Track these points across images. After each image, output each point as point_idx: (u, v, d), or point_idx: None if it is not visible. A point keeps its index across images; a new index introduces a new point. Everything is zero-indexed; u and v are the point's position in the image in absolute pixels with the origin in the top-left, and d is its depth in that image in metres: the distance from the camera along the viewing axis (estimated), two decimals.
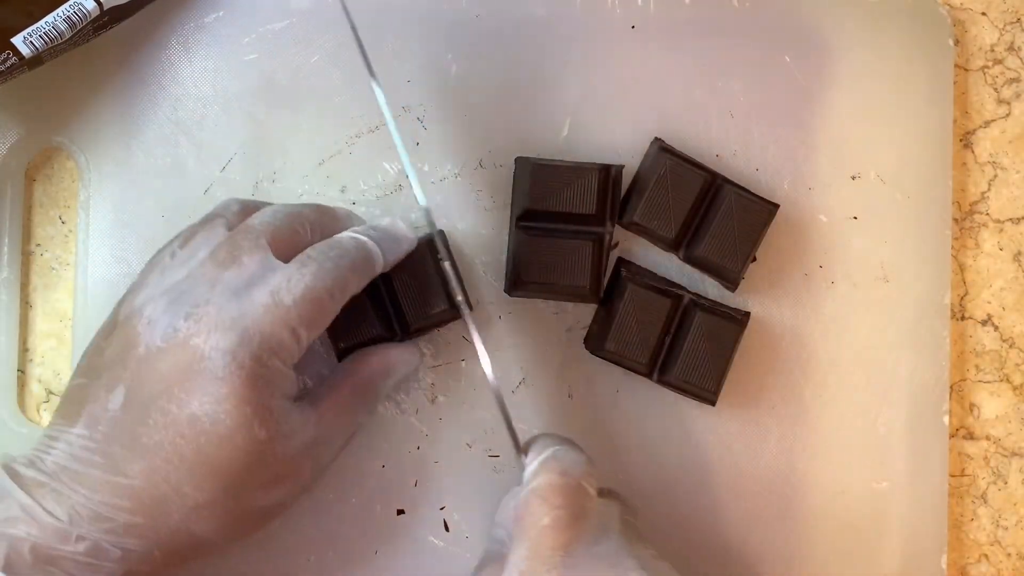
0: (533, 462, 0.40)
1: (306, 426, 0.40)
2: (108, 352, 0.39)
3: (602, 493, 0.41)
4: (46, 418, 0.48)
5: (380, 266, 0.42)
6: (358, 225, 0.44)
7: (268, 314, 0.38)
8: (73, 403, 0.39)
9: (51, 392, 0.48)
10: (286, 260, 0.39)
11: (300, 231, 0.41)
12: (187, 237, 0.41)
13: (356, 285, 0.41)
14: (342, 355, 0.44)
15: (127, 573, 0.38)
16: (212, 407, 0.37)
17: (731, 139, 0.48)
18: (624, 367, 0.46)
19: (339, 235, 0.41)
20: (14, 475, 0.38)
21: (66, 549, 0.36)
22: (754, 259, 0.47)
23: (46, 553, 0.36)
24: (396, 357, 0.44)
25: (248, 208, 0.42)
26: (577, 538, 0.38)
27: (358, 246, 0.41)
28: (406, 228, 0.44)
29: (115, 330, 0.39)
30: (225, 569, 0.46)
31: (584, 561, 0.37)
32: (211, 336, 0.37)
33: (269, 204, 0.43)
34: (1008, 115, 0.51)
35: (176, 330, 0.37)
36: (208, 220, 0.42)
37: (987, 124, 0.51)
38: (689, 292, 0.46)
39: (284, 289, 0.38)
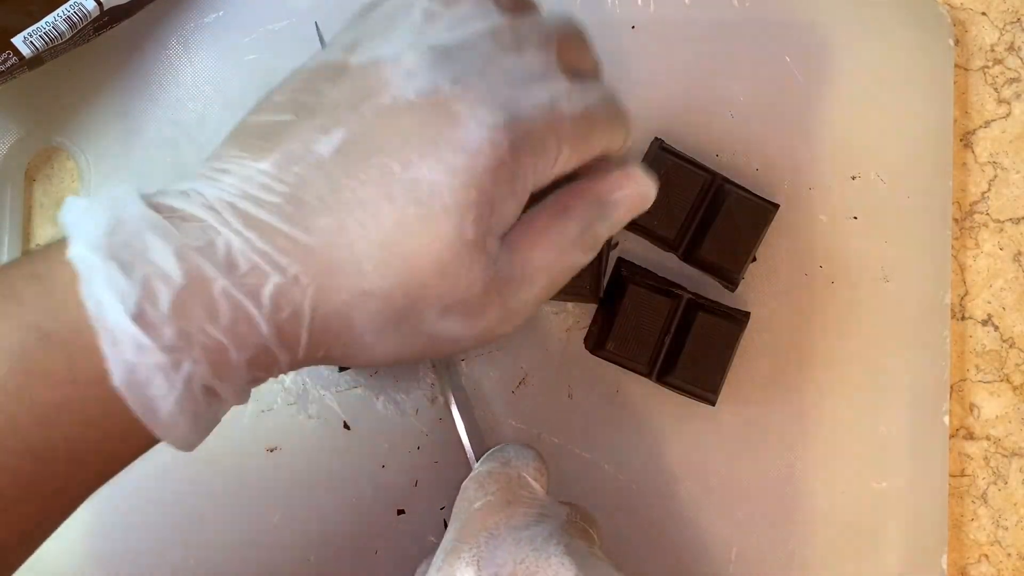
0: (483, 456, 0.40)
1: (500, 256, 0.33)
2: (332, 94, 0.33)
3: (563, 503, 0.41)
4: None
5: (628, 143, 0.37)
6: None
7: (544, 114, 0.33)
8: (263, 136, 0.32)
9: None
10: (565, 73, 0.35)
11: (585, 53, 0.36)
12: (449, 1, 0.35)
13: (608, 142, 0.35)
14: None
15: (269, 359, 0.32)
16: (441, 177, 0.31)
17: (731, 139, 0.48)
18: (624, 367, 0.46)
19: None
20: (162, 209, 0.31)
21: (203, 316, 0.30)
22: (754, 259, 0.47)
23: (184, 316, 0.29)
24: (617, 188, 0.36)
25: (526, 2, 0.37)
26: (505, 522, 0.37)
27: (625, 114, 0.36)
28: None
29: (345, 73, 0.33)
30: (225, 569, 0.46)
31: (507, 542, 0.36)
32: (477, 107, 0.32)
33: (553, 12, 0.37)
34: (1008, 115, 0.51)
35: (438, 89, 0.32)
36: None
37: (987, 124, 0.51)
38: (689, 292, 0.46)
39: (564, 99, 0.33)
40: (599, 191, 0.36)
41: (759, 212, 0.46)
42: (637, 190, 0.37)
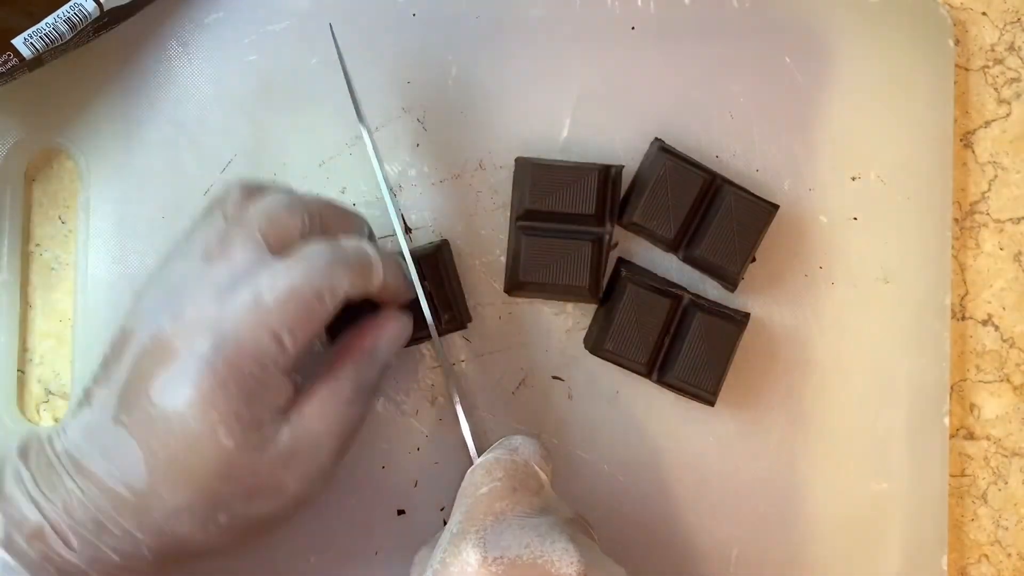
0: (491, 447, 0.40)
1: (279, 437, 0.38)
2: (114, 347, 0.39)
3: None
4: (46, 418, 0.48)
5: (379, 280, 0.40)
6: (369, 235, 0.42)
7: (248, 316, 0.36)
8: (87, 394, 0.38)
9: (51, 392, 0.48)
10: (283, 253, 0.38)
11: (300, 224, 0.39)
12: (191, 229, 0.40)
13: (350, 289, 0.38)
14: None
15: (122, 569, 0.38)
16: (182, 410, 0.36)
17: (731, 139, 0.48)
18: (624, 367, 0.46)
19: (339, 237, 0.40)
20: (36, 449, 0.38)
21: (58, 543, 0.37)
22: (753, 259, 0.47)
23: (41, 542, 0.37)
24: (379, 335, 0.41)
25: (252, 192, 0.40)
26: (512, 508, 0.37)
27: (357, 250, 0.39)
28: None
29: (122, 325, 0.39)
30: (225, 569, 0.46)
31: (513, 527, 0.36)
32: (188, 338, 0.36)
33: (274, 188, 0.40)
34: (1008, 115, 0.51)
35: (161, 328, 0.37)
36: (208, 210, 0.40)
37: (987, 124, 0.51)
38: (689, 292, 0.46)
39: (267, 289, 0.37)
40: (361, 346, 0.40)
41: (759, 213, 0.46)
42: (394, 331, 0.41)
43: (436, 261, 0.44)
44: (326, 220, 0.40)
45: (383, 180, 0.44)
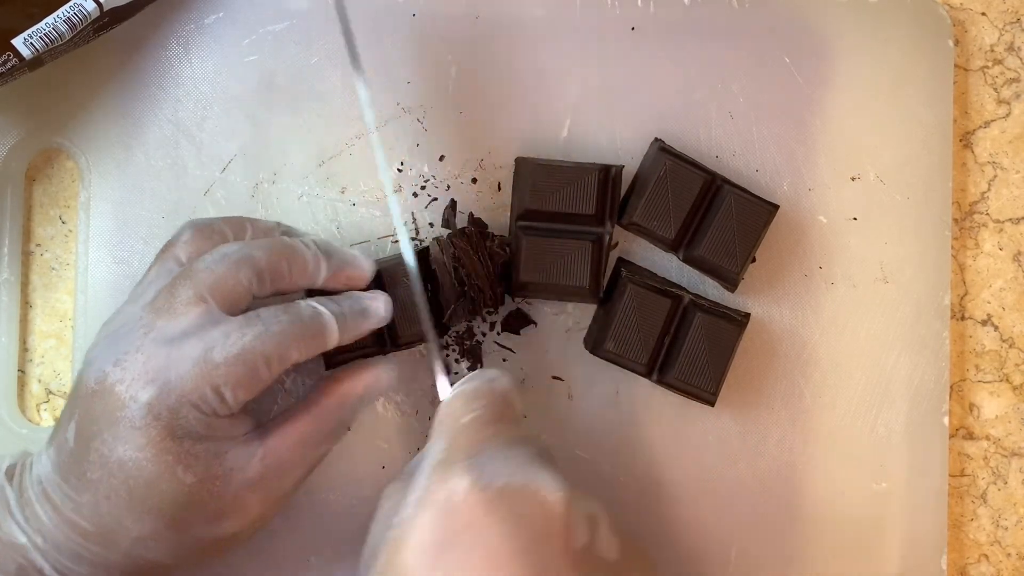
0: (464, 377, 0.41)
1: (249, 463, 0.39)
2: (74, 381, 0.40)
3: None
4: (46, 418, 0.48)
5: (334, 341, 0.40)
6: (331, 270, 0.42)
7: (195, 369, 0.37)
8: (56, 424, 0.40)
9: (51, 392, 0.48)
10: (233, 311, 0.39)
11: (245, 283, 0.39)
12: (148, 268, 0.41)
13: (299, 356, 0.39)
14: (330, 365, 0.44)
15: None
16: (133, 454, 0.37)
17: (731, 140, 0.48)
18: (624, 367, 0.46)
19: (298, 302, 0.40)
20: (20, 471, 0.39)
21: (38, 562, 0.38)
22: (753, 260, 0.47)
23: (24, 560, 0.38)
24: (366, 383, 0.43)
25: (205, 235, 0.41)
26: (493, 439, 0.38)
27: (313, 318, 0.40)
28: (384, 300, 0.42)
29: (84, 356, 0.40)
30: (224, 570, 0.46)
31: (498, 457, 0.37)
32: (132, 385, 0.37)
33: (225, 231, 0.41)
34: (1008, 115, 0.51)
35: (105, 374, 0.38)
36: (161, 254, 0.41)
37: (987, 124, 0.51)
38: (689, 293, 0.46)
39: (218, 346, 0.37)
40: (342, 390, 0.41)
41: (759, 213, 0.46)
42: (375, 380, 0.42)
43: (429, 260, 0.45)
44: (281, 271, 0.40)
45: (385, 172, 0.44)
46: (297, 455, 0.40)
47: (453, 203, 0.47)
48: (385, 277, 0.44)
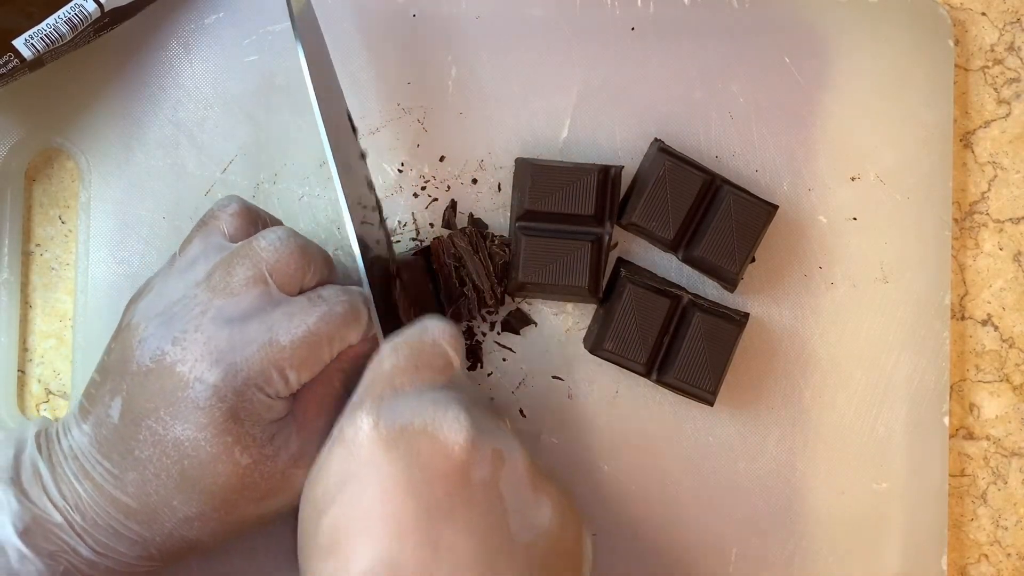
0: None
1: (290, 441, 0.39)
2: (112, 357, 0.39)
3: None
4: (46, 418, 0.48)
5: (365, 331, 0.40)
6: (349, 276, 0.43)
7: (260, 352, 0.37)
8: (88, 398, 0.39)
9: (51, 392, 0.48)
10: (290, 293, 0.39)
11: (304, 267, 0.39)
12: (186, 241, 0.41)
13: (354, 339, 0.40)
14: None
15: (132, 564, 0.39)
16: (193, 434, 0.37)
17: (730, 140, 0.48)
18: (623, 367, 0.46)
19: (348, 287, 0.41)
20: (48, 442, 0.39)
21: (72, 539, 0.38)
22: (753, 260, 0.47)
23: (57, 536, 0.38)
24: (359, 335, 0.42)
25: (249, 214, 0.41)
26: (411, 382, 0.38)
27: (365, 301, 0.40)
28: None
29: (119, 334, 0.40)
30: (226, 569, 0.46)
31: (409, 399, 0.37)
32: (196, 366, 0.37)
33: (272, 221, 0.41)
34: (1008, 115, 0.51)
35: (163, 353, 0.37)
36: (204, 225, 0.41)
37: (987, 124, 0.51)
38: (688, 293, 0.46)
39: (283, 328, 0.38)
40: (352, 353, 0.41)
41: (758, 213, 0.46)
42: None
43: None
44: (324, 268, 0.41)
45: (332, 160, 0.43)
46: (323, 421, 0.40)
47: (453, 203, 0.47)
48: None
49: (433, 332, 0.40)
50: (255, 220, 0.42)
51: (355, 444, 0.36)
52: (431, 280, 0.46)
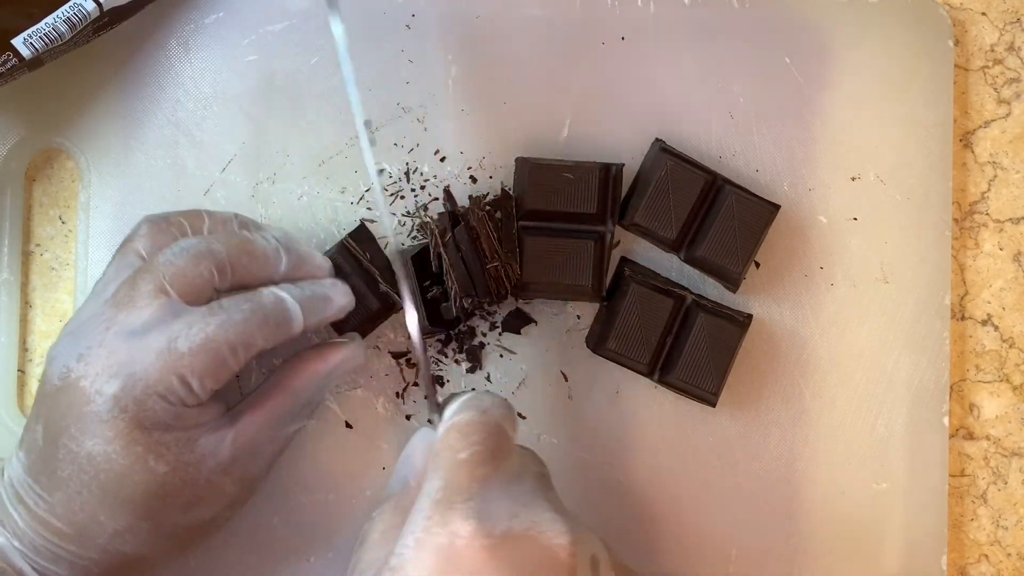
0: (453, 403, 0.39)
1: (220, 447, 0.39)
2: (41, 377, 0.40)
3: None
4: None
5: (299, 327, 0.40)
6: (291, 263, 0.42)
7: (159, 360, 0.37)
8: (25, 427, 0.40)
9: None
10: (195, 302, 0.39)
11: (207, 275, 0.39)
12: (108, 265, 0.41)
13: (264, 343, 0.39)
14: (340, 331, 0.44)
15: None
16: (103, 447, 0.37)
17: (731, 140, 0.48)
18: (625, 367, 0.46)
19: (259, 290, 0.40)
20: None
21: (17, 561, 0.38)
22: (757, 265, 0.47)
23: (4, 561, 0.38)
24: (332, 362, 0.42)
25: (162, 229, 0.41)
26: (494, 475, 0.36)
27: (276, 304, 0.40)
28: (344, 290, 0.42)
29: (46, 355, 0.40)
30: (224, 569, 0.46)
31: (500, 498, 0.35)
32: (97, 379, 0.37)
33: (182, 224, 0.41)
34: (1008, 115, 0.51)
35: (69, 370, 0.38)
36: (121, 249, 0.41)
37: (987, 124, 0.51)
38: (692, 293, 0.46)
39: (183, 336, 0.37)
40: (315, 368, 0.41)
41: (760, 213, 0.46)
42: (341, 359, 0.42)
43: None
44: (242, 264, 0.40)
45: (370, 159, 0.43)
46: (267, 435, 0.41)
47: (447, 190, 0.47)
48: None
49: (495, 413, 0.38)
50: (175, 233, 0.41)
51: (455, 551, 0.34)
52: (430, 272, 0.45)
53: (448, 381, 0.47)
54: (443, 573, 0.33)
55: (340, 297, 0.42)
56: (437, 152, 0.48)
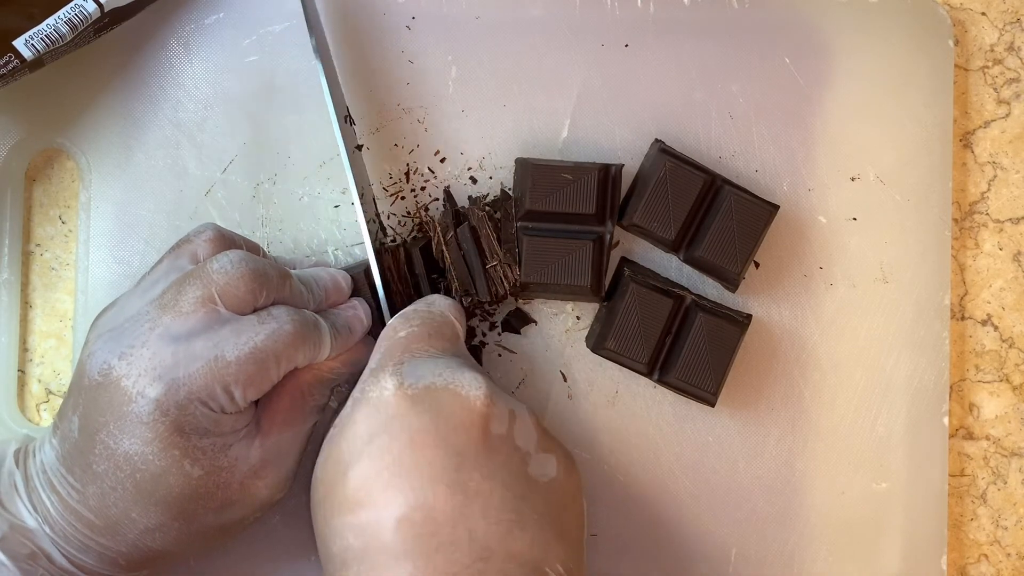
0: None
1: (250, 451, 0.40)
2: (75, 371, 0.40)
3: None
4: (46, 418, 0.48)
5: (327, 353, 0.41)
6: (317, 300, 0.43)
7: (205, 368, 0.37)
8: (58, 414, 0.40)
9: (51, 392, 0.48)
10: (238, 312, 0.39)
11: (257, 290, 0.40)
12: (157, 263, 0.41)
13: (303, 360, 0.40)
14: None
15: (97, 575, 0.40)
16: (140, 448, 0.37)
17: (731, 140, 0.48)
18: (625, 366, 0.46)
19: (302, 310, 0.41)
20: (26, 456, 0.40)
21: (46, 546, 0.39)
22: (756, 265, 0.47)
23: (32, 545, 0.39)
24: (341, 358, 0.43)
25: (224, 241, 0.42)
26: (426, 349, 0.40)
27: (318, 324, 0.41)
28: (365, 315, 0.44)
29: (83, 347, 0.40)
30: (226, 568, 0.46)
31: (427, 362, 0.40)
32: (139, 380, 0.37)
33: (241, 245, 0.42)
34: (1008, 115, 0.51)
35: (110, 367, 0.38)
36: (177, 248, 0.41)
37: (987, 124, 0.51)
38: (692, 293, 0.46)
39: (230, 345, 0.38)
40: (319, 366, 0.42)
41: (759, 213, 0.46)
42: (353, 356, 0.43)
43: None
44: (280, 289, 0.41)
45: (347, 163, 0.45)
46: (290, 434, 0.41)
47: (447, 190, 0.47)
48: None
49: (440, 305, 0.43)
50: (230, 246, 0.42)
51: (381, 402, 0.38)
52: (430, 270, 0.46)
53: None
54: (371, 420, 0.38)
55: (363, 320, 0.44)
56: (437, 153, 0.48)
